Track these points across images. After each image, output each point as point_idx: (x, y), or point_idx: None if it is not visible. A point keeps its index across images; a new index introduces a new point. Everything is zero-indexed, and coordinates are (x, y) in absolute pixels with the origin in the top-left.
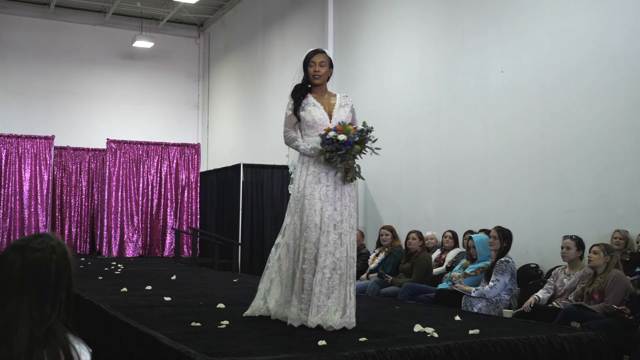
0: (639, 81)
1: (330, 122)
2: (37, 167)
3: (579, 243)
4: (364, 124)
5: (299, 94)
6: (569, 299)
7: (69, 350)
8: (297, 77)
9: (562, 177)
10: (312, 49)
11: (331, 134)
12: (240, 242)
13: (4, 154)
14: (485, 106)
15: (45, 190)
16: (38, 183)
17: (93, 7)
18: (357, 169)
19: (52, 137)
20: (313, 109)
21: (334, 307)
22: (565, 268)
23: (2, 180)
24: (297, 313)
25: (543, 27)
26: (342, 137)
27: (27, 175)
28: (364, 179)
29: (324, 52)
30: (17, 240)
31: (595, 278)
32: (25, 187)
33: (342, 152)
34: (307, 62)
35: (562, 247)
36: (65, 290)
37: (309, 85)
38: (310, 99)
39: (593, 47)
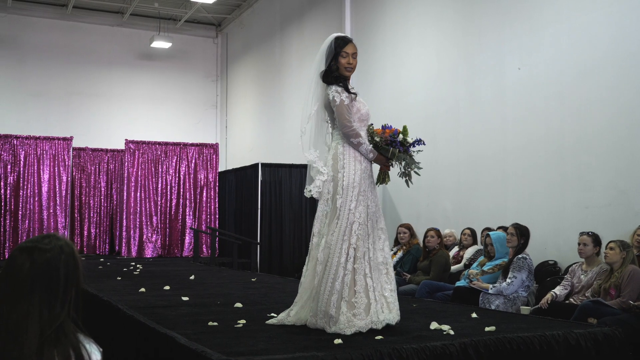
0: None
1: None
2: (56, 168)
3: (596, 239)
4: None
5: (343, 83)
6: (586, 295)
7: (79, 349)
8: (319, 65)
9: (580, 174)
10: (339, 35)
11: (401, 137)
12: (259, 241)
13: (22, 156)
14: (503, 103)
15: (64, 192)
16: (57, 184)
17: (111, 7)
18: (411, 167)
19: (71, 138)
20: (363, 101)
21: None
22: (582, 264)
23: (21, 181)
24: (349, 319)
25: (560, 23)
26: (410, 139)
27: (45, 176)
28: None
29: (352, 40)
30: (25, 241)
31: (611, 274)
32: (44, 189)
33: (412, 154)
34: (338, 51)
35: (579, 244)
36: (75, 289)
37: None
38: (353, 90)
39: (611, 44)
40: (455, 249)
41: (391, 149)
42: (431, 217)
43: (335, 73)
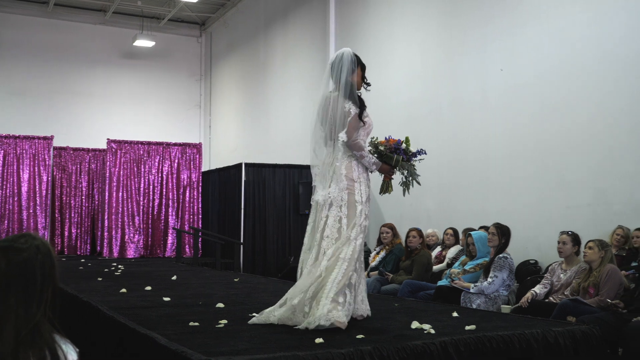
0: (636, 79)
1: None
2: (36, 168)
3: (575, 239)
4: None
5: (360, 98)
6: (565, 293)
7: (55, 350)
8: (345, 72)
9: (561, 174)
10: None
11: (404, 145)
12: (242, 241)
13: (1, 155)
14: (486, 104)
15: (44, 191)
16: (37, 184)
17: (93, 5)
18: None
19: (51, 138)
20: (369, 113)
21: None
22: (562, 263)
23: (0, 181)
24: (348, 310)
25: (541, 24)
26: (413, 149)
27: (25, 176)
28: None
29: None
30: (0, 240)
31: (590, 273)
32: (24, 188)
33: (415, 162)
34: (363, 67)
35: (559, 243)
36: (51, 289)
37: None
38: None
39: (591, 45)
40: (438, 248)
41: (395, 156)
42: (414, 217)
43: (355, 87)
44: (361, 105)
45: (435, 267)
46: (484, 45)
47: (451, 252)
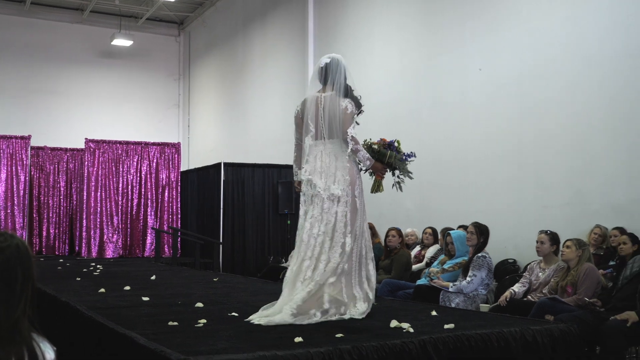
0: (613, 79)
1: None
2: (13, 168)
3: (553, 238)
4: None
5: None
6: (544, 292)
7: (33, 348)
8: (343, 75)
9: (539, 174)
10: None
11: (396, 144)
12: (221, 241)
13: None
14: (464, 104)
15: (22, 191)
16: (14, 184)
17: (70, 4)
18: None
19: (29, 137)
20: None
21: None
22: (541, 262)
23: None
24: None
25: (519, 25)
26: (403, 150)
27: (2, 176)
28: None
29: None
30: None
31: (568, 272)
32: (1, 188)
33: (409, 161)
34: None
35: (537, 242)
36: (31, 287)
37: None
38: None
39: (568, 46)
40: (417, 248)
41: (389, 152)
42: (393, 217)
43: (353, 89)
44: (359, 106)
45: (415, 267)
46: (463, 44)
47: (430, 251)
